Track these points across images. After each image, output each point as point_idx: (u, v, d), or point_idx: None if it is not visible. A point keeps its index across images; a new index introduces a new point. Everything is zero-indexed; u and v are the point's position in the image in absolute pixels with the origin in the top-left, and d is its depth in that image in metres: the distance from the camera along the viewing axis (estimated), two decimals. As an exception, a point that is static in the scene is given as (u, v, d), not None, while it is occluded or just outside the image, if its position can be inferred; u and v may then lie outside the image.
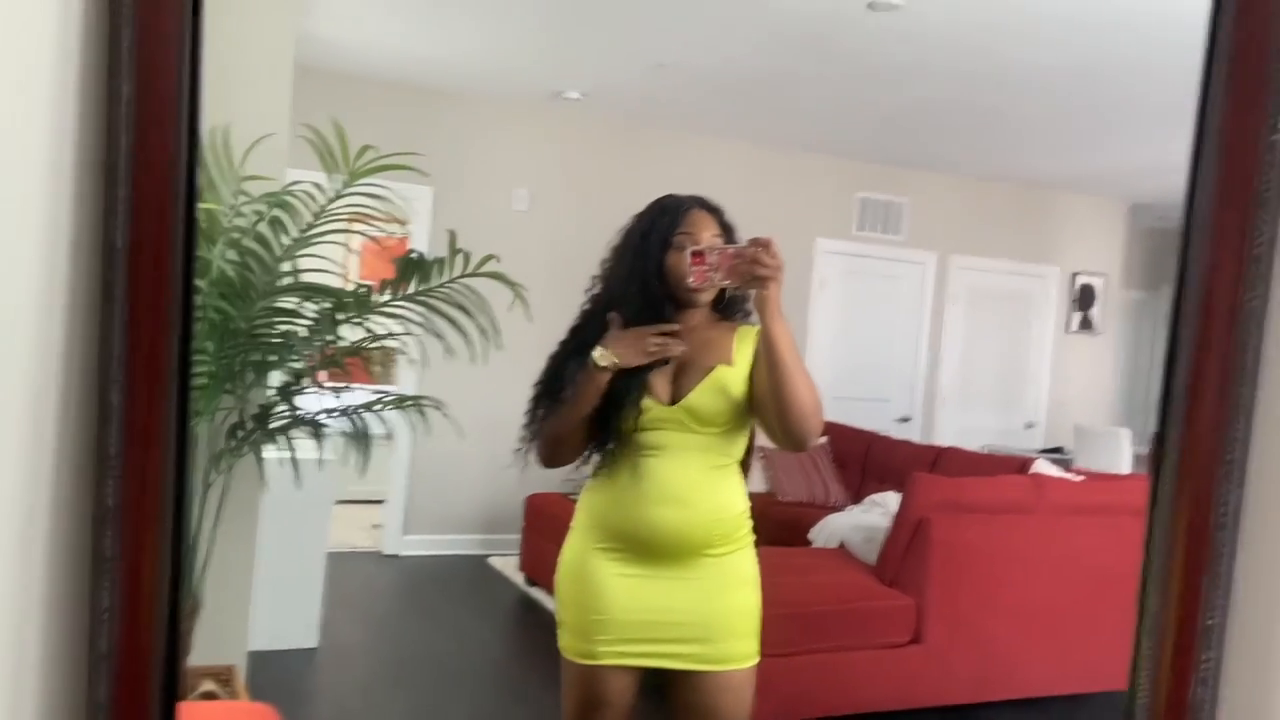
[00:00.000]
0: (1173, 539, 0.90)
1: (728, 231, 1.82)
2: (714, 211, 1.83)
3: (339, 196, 2.34)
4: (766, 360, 1.67)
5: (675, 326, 1.75)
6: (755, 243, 1.62)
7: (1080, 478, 3.99)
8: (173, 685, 1.00)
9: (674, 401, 1.76)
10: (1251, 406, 0.89)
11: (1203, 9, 0.90)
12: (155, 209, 0.93)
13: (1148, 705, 0.91)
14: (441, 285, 2.45)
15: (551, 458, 1.83)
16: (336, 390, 2.55)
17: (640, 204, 1.87)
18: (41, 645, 0.96)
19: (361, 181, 2.34)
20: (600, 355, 1.72)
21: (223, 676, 2.68)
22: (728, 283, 1.66)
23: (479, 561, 5.21)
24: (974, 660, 3.42)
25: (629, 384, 1.74)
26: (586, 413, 1.75)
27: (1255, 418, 0.90)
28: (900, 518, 3.46)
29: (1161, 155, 4.86)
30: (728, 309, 1.87)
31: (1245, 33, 0.86)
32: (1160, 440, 0.91)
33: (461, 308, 2.45)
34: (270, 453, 2.53)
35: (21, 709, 0.95)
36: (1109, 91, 4.19)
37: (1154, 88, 3.83)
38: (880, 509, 4.40)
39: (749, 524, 1.84)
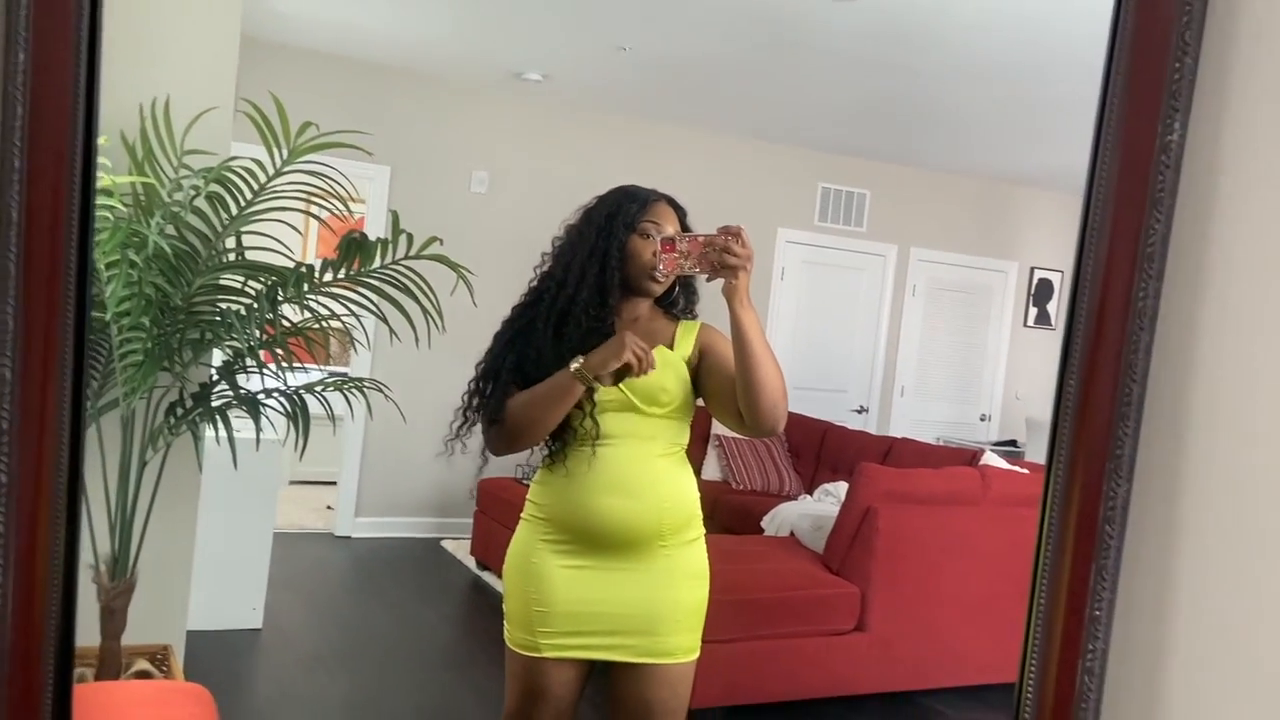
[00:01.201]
0: (1063, 531, 0.91)
1: (687, 232, 1.82)
2: (678, 210, 1.84)
3: (279, 174, 2.30)
4: (736, 348, 1.67)
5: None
6: (725, 231, 1.61)
7: (1027, 471, 4.05)
8: (68, 657, 0.99)
9: (617, 383, 1.75)
10: (1141, 403, 0.91)
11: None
12: (50, 183, 0.91)
13: (1036, 695, 0.93)
14: (384, 266, 2.43)
15: (507, 449, 1.82)
16: (282, 371, 2.52)
17: (600, 189, 1.86)
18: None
19: (304, 159, 2.30)
20: (577, 369, 1.69)
21: (158, 656, 2.65)
22: (697, 270, 1.66)
23: (432, 544, 5.20)
24: (916, 648, 3.46)
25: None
26: (559, 420, 1.73)
27: (1145, 414, 0.92)
28: (847, 507, 3.49)
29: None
30: (673, 305, 1.87)
31: (1143, 34, 0.87)
32: (1054, 434, 0.93)
33: (405, 289, 2.43)
34: (209, 432, 2.50)
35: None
36: (1069, 86, 4.23)
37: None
38: (832, 498, 4.44)
39: (699, 515, 1.84)
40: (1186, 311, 0.93)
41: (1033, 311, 6.82)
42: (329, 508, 5.55)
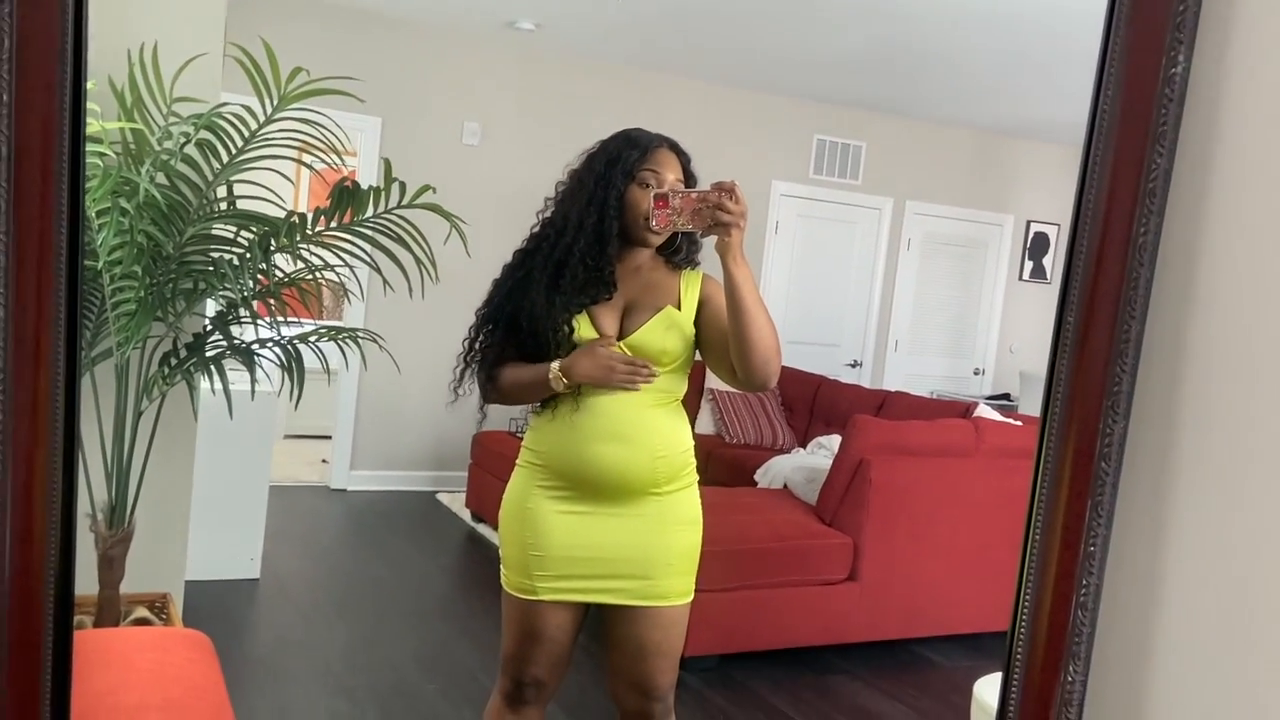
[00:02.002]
0: (1059, 467, 0.92)
1: (690, 179, 1.81)
2: (681, 154, 1.81)
3: (270, 121, 2.27)
4: (730, 304, 1.67)
5: (649, 367, 1.73)
6: (719, 187, 1.59)
7: (1020, 423, 4.07)
8: (68, 602, 0.99)
9: (621, 338, 1.76)
10: (1140, 340, 0.91)
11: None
12: (40, 114, 0.89)
13: (1029, 629, 0.94)
14: (377, 216, 2.41)
15: (499, 402, 1.85)
16: (275, 322, 2.51)
17: (591, 142, 1.84)
18: (-71, 561, 0.95)
19: (294, 107, 2.27)
20: (555, 377, 1.72)
21: (157, 604, 2.67)
22: (690, 227, 1.64)
23: (427, 497, 5.22)
24: (907, 597, 3.51)
25: (557, 322, 1.74)
26: (538, 398, 1.79)
27: (1143, 352, 0.92)
28: (840, 459, 3.51)
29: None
30: (675, 254, 1.86)
31: (1149, -36, 0.86)
32: (1051, 371, 0.93)
33: (398, 239, 2.41)
34: (205, 382, 2.49)
35: (-93, 624, 0.94)
36: (1066, 37, 4.19)
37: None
38: (825, 451, 4.46)
39: (693, 463, 1.85)
40: (1187, 248, 0.93)
41: (1028, 265, 6.81)
42: (324, 461, 5.56)
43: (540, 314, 1.75)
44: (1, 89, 0.88)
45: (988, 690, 1.89)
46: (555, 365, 1.73)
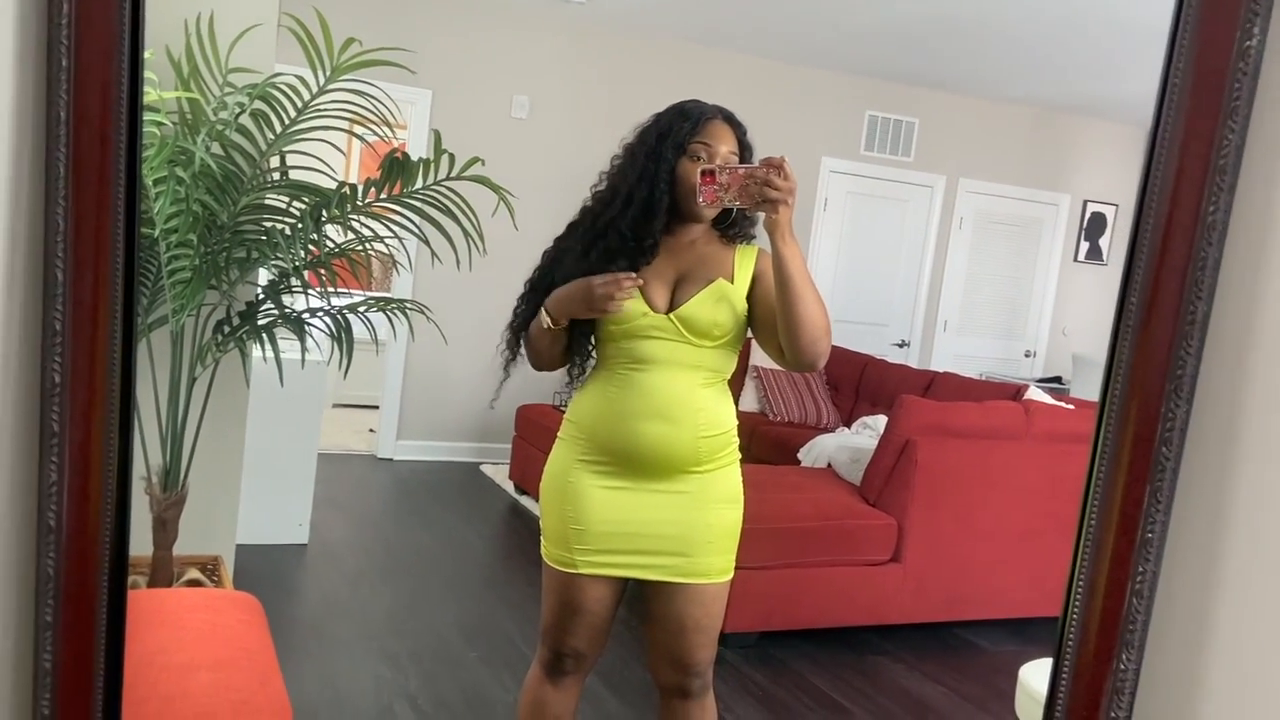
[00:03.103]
0: (1118, 451, 0.90)
1: (745, 151, 1.77)
2: (735, 126, 1.78)
3: (322, 91, 2.29)
4: (778, 282, 1.64)
5: (632, 276, 1.70)
6: (767, 163, 1.56)
7: (1073, 407, 3.99)
8: (122, 561, 1.01)
9: (670, 310, 1.74)
10: (1206, 322, 0.88)
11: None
12: (98, 79, 0.90)
13: (1082, 615, 0.92)
14: (426, 187, 2.41)
15: (536, 366, 1.86)
16: (324, 293, 2.54)
17: (641, 116, 1.81)
18: (-9, 518, 0.98)
19: (346, 78, 2.28)
20: (542, 316, 1.75)
21: (209, 566, 2.73)
22: (737, 204, 1.61)
23: (471, 468, 5.28)
24: (952, 580, 3.47)
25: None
26: (550, 351, 1.80)
27: (1209, 334, 0.89)
28: (886, 439, 3.47)
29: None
30: (730, 228, 1.84)
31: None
32: (1112, 353, 0.90)
33: (446, 211, 2.42)
34: (256, 351, 2.53)
35: (-30, 578, 0.97)
36: (1128, 8, 4.07)
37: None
38: (870, 431, 4.42)
39: (735, 442, 1.84)
40: (1258, 227, 0.89)
41: (1084, 246, 6.66)
42: (371, 431, 5.64)
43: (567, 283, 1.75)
44: (61, 55, 0.89)
45: (1034, 675, 1.87)
46: (542, 314, 1.75)
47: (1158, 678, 0.93)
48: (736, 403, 1.90)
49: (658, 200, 1.72)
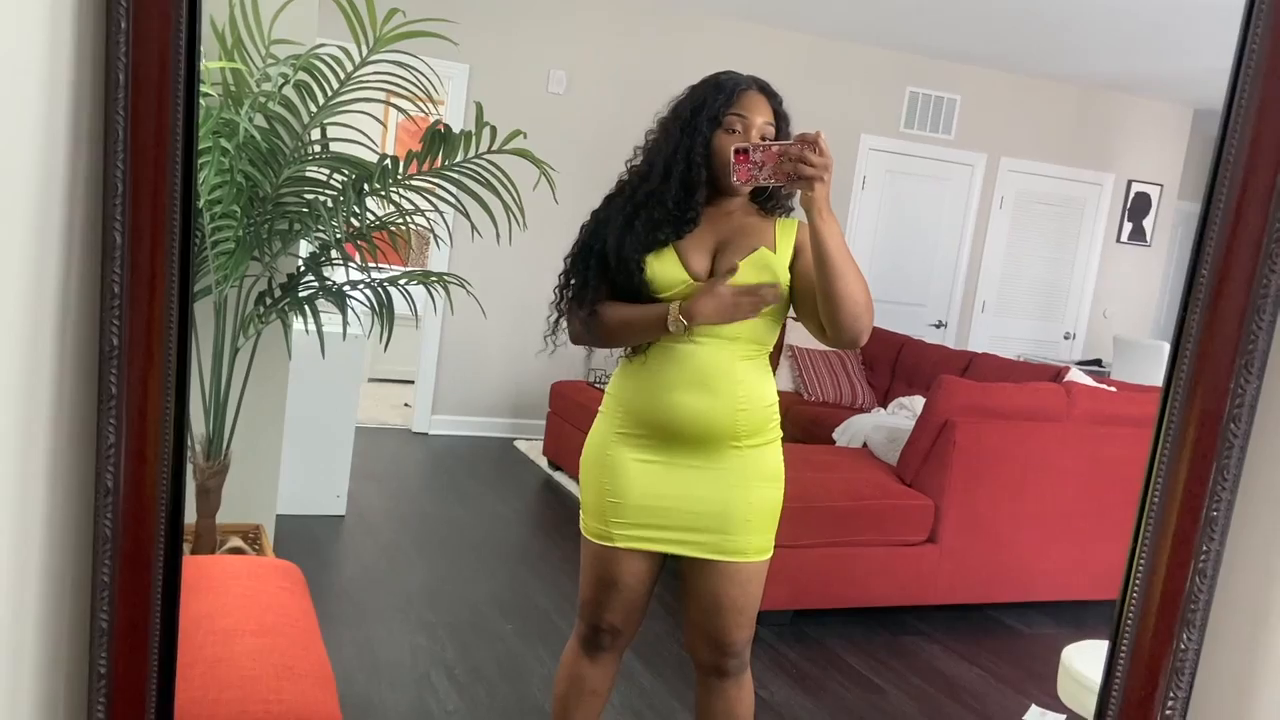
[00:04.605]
0: (1184, 426, 0.87)
1: (781, 120, 1.75)
2: (771, 96, 1.75)
3: (365, 63, 2.29)
4: (816, 259, 1.62)
5: (775, 287, 1.69)
6: (802, 139, 1.53)
7: (1115, 389, 3.93)
8: (177, 524, 1.02)
9: (710, 277, 1.73)
10: (1279, 296, 0.85)
11: None
12: (156, 41, 0.90)
13: (1142, 594, 0.91)
14: (467, 160, 2.41)
15: (594, 346, 1.84)
16: (364, 266, 2.55)
17: (678, 90, 1.79)
18: (48, 479, 0.99)
19: (389, 49, 2.28)
20: (675, 319, 1.68)
21: (250, 535, 2.77)
22: (772, 181, 1.58)
23: (505, 444, 5.30)
24: (988, 562, 3.44)
25: (628, 263, 1.71)
26: (639, 338, 1.75)
27: (1282, 307, 0.86)
28: (924, 420, 3.44)
29: (1228, 57, 4.62)
30: (768, 200, 1.82)
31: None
32: (1180, 326, 0.88)
33: (487, 184, 2.42)
34: (298, 324, 2.55)
35: (29, 538, 0.98)
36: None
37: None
38: (906, 411, 4.39)
39: (777, 418, 1.82)
40: (1337, 198, 0.86)
41: (1127, 227, 6.54)
42: (406, 405, 5.68)
43: (613, 254, 1.73)
44: (120, 16, 0.89)
45: (1078, 658, 1.85)
46: (675, 307, 1.68)
47: (1218, 658, 0.91)
48: (771, 383, 1.87)
49: (695, 174, 1.70)
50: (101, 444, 0.96)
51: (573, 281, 1.81)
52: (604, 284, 1.78)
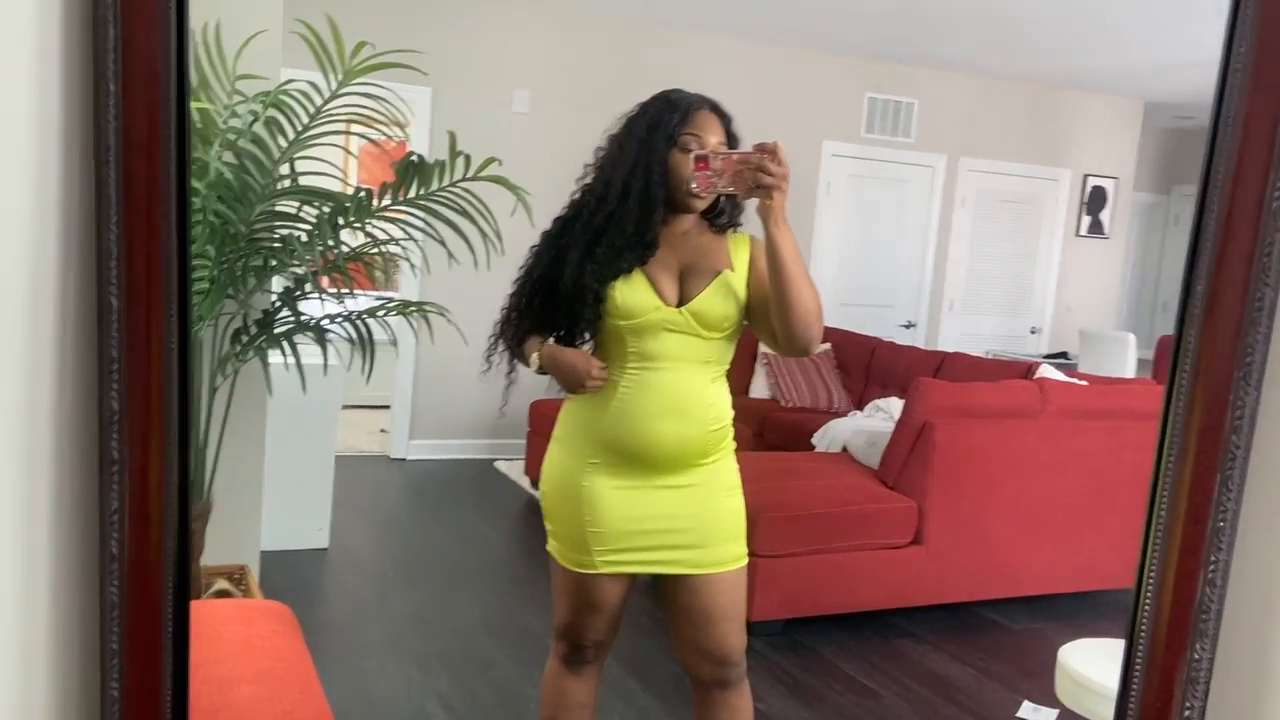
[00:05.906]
0: (1186, 440, 0.89)
1: (733, 141, 1.77)
2: (723, 117, 1.77)
3: (335, 96, 2.27)
4: (771, 268, 1.65)
5: (601, 367, 1.77)
6: (761, 149, 1.56)
7: (1086, 383, 4.00)
8: (185, 586, 1.01)
9: (681, 304, 1.74)
10: (1274, 308, 0.87)
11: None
12: (145, 105, 0.89)
13: (1154, 605, 0.92)
14: (442, 189, 2.40)
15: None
16: (339, 296, 2.53)
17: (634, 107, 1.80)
18: (51, 549, 0.97)
19: (358, 81, 2.27)
20: (534, 363, 1.82)
21: (235, 576, 2.73)
22: (731, 190, 1.61)
23: (485, 465, 5.27)
24: (974, 560, 3.48)
25: (585, 293, 1.73)
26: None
27: (1278, 320, 0.88)
28: (903, 422, 3.47)
29: (1178, 50, 4.70)
30: (718, 217, 1.83)
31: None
32: (1178, 340, 0.90)
33: (463, 212, 2.41)
34: (275, 358, 2.52)
35: (35, 611, 0.96)
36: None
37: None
38: (883, 414, 4.42)
39: (732, 431, 1.85)
40: (1322, 210, 0.88)
41: (1085, 220, 6.65)
42: (383, 431, 5.63)
43: (571, 283, 1.74)
44: (109, 79, 0.88)
45: (1074, 657, 1.87)
46: (536, 355, 1.81)
47: (1232, 668, 0.93)
48: (748, 390, 1.91)
49: (654, 193, 1.71)
50: (104, 510, 0.95)
51: (517, 307, 1.83)
52: (531, 317, 1.84)
